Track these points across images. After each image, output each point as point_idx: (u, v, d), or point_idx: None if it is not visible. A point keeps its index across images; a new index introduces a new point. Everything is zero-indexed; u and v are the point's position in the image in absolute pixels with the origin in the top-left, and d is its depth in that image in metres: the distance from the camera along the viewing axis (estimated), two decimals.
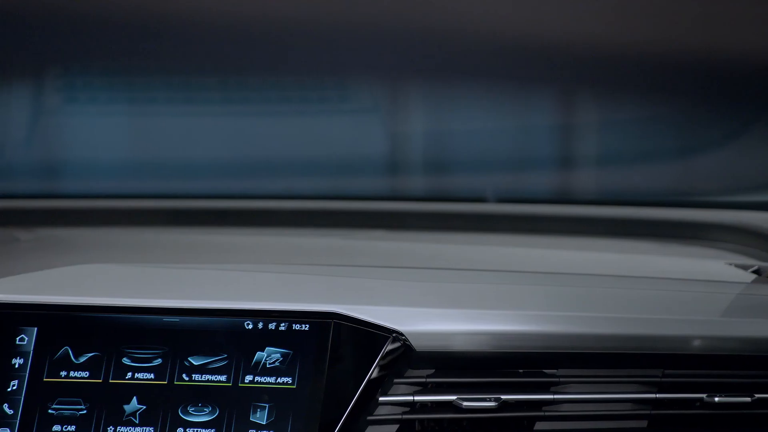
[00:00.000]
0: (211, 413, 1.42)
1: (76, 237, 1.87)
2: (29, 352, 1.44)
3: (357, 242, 1.84)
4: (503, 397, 1.42)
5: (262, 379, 1.43)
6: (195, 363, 1.44)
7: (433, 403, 1.43)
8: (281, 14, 2.04)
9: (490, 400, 1.42)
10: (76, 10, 1.99)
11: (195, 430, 1.41)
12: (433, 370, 1.44)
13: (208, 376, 1.43)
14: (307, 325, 1.45)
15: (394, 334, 1.43)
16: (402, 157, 2.14)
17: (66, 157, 2.10)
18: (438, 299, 1.47)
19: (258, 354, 1.44)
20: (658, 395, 1.44)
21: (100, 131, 2.11)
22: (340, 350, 1.43)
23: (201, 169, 2.10)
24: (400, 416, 1.42)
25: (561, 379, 1.44)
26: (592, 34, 1.99)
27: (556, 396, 1.43)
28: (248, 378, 1.43)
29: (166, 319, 1.46)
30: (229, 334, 1.45)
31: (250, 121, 2.12)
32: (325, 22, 2.04)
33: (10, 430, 1.40)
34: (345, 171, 2.13)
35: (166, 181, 2.10)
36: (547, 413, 1.43)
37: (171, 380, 1.43)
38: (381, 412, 1.42)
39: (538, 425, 1.43)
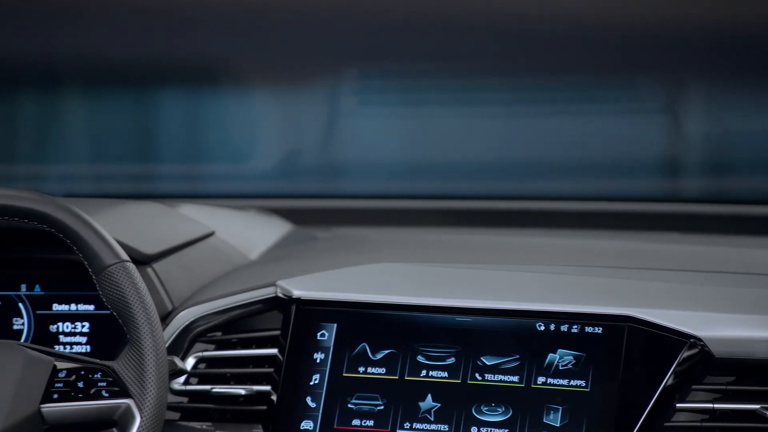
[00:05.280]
0: (504, 413, 1.43)
1: (369, 236, 1.92)
2: (329, 348, 1.49)
3: (644, 245, 1.81)
4: None
5: (555, 381, 1.43)
6: (488, 363, 1.45)
7: (734, 411, 1.39)
8: (567, 15, 2.03)
9: None
10: (367, 14, 2.05)
11: (489, 429, 1.42)
12: (733, 378, 1.40)
13: (501, 377, 1.44)
14: (600, 328, 1.44)
15: (691, 340, 1.40)
16: (688, 157, 2.09)
17: (357, 158, 2.16)
18: (738, 304, 1.43)
19: (550, 356, 1.44)
20: None
21: (388, 133, 2.17)
22: (634, 354, 1.42)
23: (485, 170, 2.12)
24: (699, 424, 1.39)
25: None
26: None
27: None
28: (540, 379, 1.43)
29: (459, 318, 1.48)
30: (521, 335, 1.45)
31: (532, 122, 2.12)
32: (611, 22, 2.02)
33: (312, 422, 1.46)
34: (626, 172, 2.10)
35: (452, 182, 2.13)
36: None
37: (464, 379, 1.45)
38: (678, 419, 1.40)
39: None
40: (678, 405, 1.40)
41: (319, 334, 1.50)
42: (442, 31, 2.07)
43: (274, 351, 1.50)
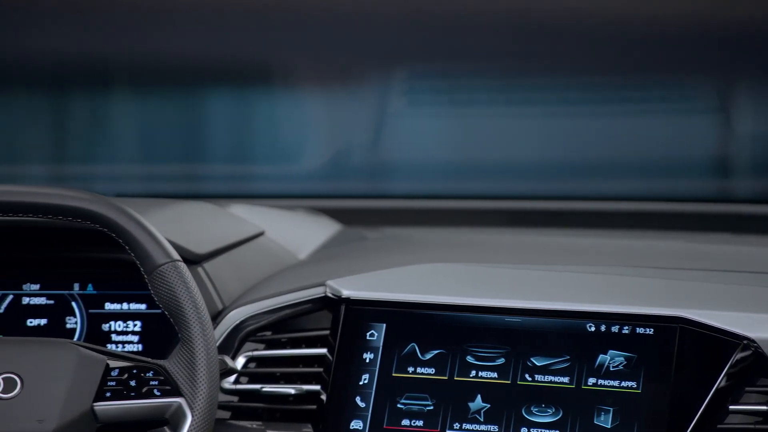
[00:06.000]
0: (554, 414, 1.42)
1: (418, 236, 1.92)
2: (379, 348, 1.49)
3: (695, 245, 1.80)
4: None
5: (606, 383, 1.42)
6: (537, 363, 1.44)
7: None
8: (616, 14, 2.02)
9: None
10: (415, 15, 2.05)
11: (539, 430, 1.42)
12: None
13: (551, 377, 1.44)
14: (651, 329, 1.43)
15: (744, 341, 1.39)
16: (739, 157, 2.07)
17: (405, 158, 2.17)
18: None
19: (601, 357, 1.43)
20: None
21: (436, 133, 2.17)
22: (686, 356, 1.41)
23: (534, 170, 2.12)
24: (752, 426, 1.38)
25: None
26: None
27: None
28: (591, 381, 1.42)
29: (508, 319, 1.47)
30: (571, 336, 1.45)
31: (580, 122, 2.11)
32: (662, 21, 2.01)
33: (362, 422, 1.46)
34: (676, 172, 2.09)
35: (500, 182, 2.12)
36: None
37: (514, 380, 1.44)
38: (731, 421, 1.38)
39: None
40: (731, 407, 1.39)
41: (368, 333, 1.50)
42: (490, 31, 2.07)
43: (323, 351, 1.50)
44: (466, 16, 2.06)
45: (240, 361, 1.52)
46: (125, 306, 1.63)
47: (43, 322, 1.63)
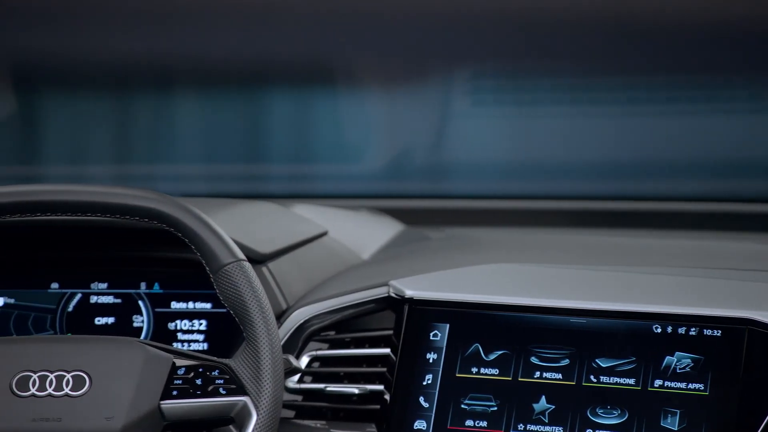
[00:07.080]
0: (620, 416, 1.41)
1: (481, 236, 1.92)
2: (442, 348, 1.49)
3: (762, 246, 1.78)
4: None
5: (672, 385, 1.41)
6: (603, 365, 1.43)
7: None
8: (678, 12, 2.01)
9: None
10: (476, 15, 2.05)
11: None
12: None
13: (616, 379, 1.43)
14: (719, 331, 1.41)
15: None
16: None
17: (467, 158, 2.16)
18: None
19: (667, 358, 1.42)
20: None
21: (498, 133, 2.16)
22: (754, 358, 1.39)
23: (597, 170, 2.11)
24: None
25: None
26: None
27: None
28: (657, 382, 1.41)
29: (573, 320, 1.46)
30: (637, 337, 1.44)
31: (642, 122, 2.10)
32: (723, 19, 1.99)
33: (425, 422, 1.46)
34: (739, 172, 2.07)
35: (564, 182, 2.12)
36: None
37: (579, 381, 1.44)
38: None
39: None
40: None
41: (431, 334, 1.49)
42: (553, 30, 2.06)
43: (387, 351, 1.50)
44: (530, 16, 2.05)
45: (304, 361, 1.53)
46: (191, 305, 1.64)
47: (111, 320, 1.65)
